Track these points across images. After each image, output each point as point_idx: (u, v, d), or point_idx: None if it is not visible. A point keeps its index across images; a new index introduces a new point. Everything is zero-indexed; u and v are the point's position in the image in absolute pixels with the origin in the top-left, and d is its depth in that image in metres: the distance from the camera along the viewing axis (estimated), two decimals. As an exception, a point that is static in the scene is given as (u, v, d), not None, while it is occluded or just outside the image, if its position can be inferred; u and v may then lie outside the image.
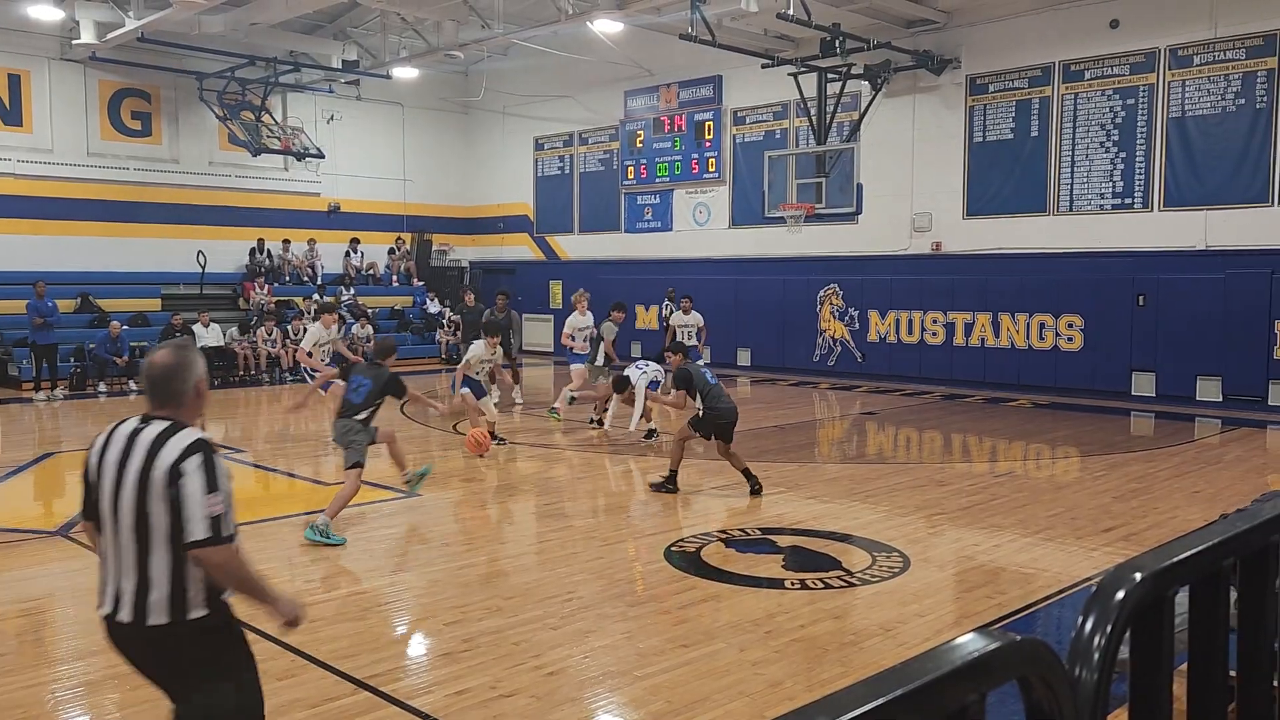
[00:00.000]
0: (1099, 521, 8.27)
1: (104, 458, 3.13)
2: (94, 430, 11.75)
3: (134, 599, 3.02)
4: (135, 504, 3.01)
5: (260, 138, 21.60)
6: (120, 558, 3.06)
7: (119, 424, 3.19)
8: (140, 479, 3.01)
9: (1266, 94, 14.55)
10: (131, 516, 3.02)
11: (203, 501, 2.98)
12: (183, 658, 3.08)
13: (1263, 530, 1.99)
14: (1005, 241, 17.19)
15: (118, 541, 3.06)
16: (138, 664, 3.16)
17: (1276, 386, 14.52)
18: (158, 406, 3.18)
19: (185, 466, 2.99)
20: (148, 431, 3.09)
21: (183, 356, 3.21)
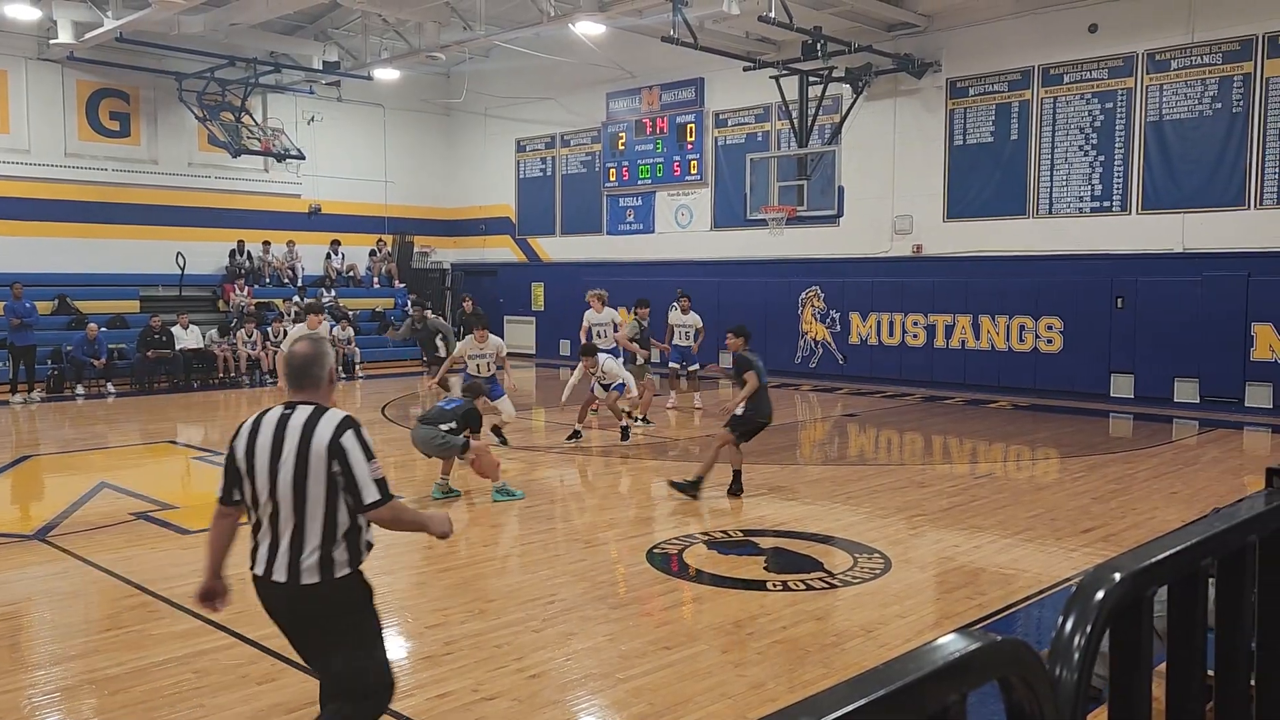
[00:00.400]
0: (1078, 522, 8.32)
1: (255, 443, 3.49)
2: (72, 433, 11.66)
3: (289, 562, 3.42)
4: (294, 479, 3.41)
5: (240, 139, 21.48)
6: (279, 526, 3.44)
7: (263, 413, 3.56)
8: (298, 457, 3.40)
9: (1243, 98, 14.69)
10: (290, 491, 3.41)
11: (368, 469, 3.44)
12: (329, 611, 3.48)
13: (1240, 530, 2.01)
14: (985, 244, 17.28)
15: (275, 513, 3.45)
16: (285, 619, 3.54)
17: (1253, 388, 14.65)
18: (298, 392, 3.59)
19: (344, 442, 3.42)
20: (296, 416, 3.49)
21: (318, 348, 3.66)
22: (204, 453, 11.98)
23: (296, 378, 3.60)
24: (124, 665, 5.18)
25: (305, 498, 3.41)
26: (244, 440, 3.52)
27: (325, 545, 3.42)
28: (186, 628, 5.76)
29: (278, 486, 3.43)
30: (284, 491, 3.43)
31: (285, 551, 3.44)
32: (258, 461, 3.47)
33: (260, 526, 3.52)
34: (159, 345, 18.74)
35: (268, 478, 3.44)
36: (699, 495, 9.08)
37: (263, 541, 3.50)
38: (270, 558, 3.47)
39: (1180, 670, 1.88)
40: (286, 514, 3.43)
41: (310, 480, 3.40)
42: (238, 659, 5.27)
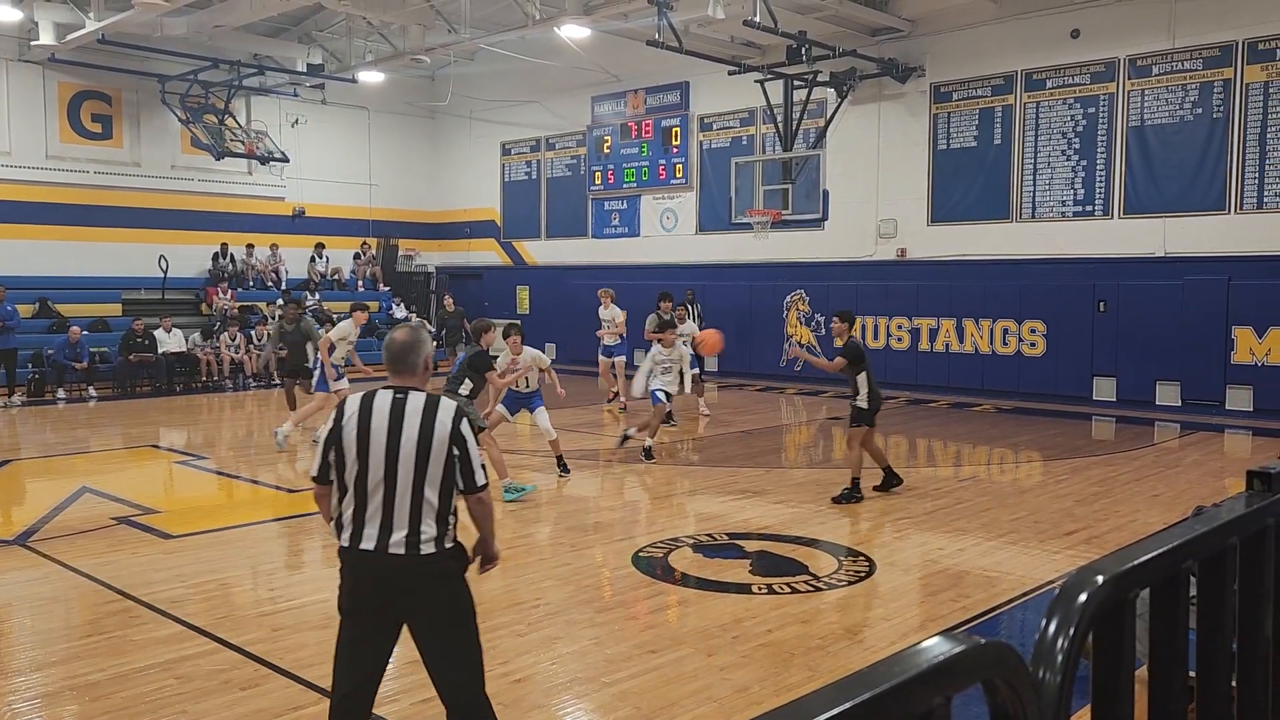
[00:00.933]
0: (1061, 525, 8.36)
1: (370, 424, 3.67)
2: (53, 437, 11.57)
3: (407, 535, 3.63)
4: (415, 459, 3.62)
5: (224, 141, 21.38)
6: (395, 502, 3.63)
7: (370, 397, 3.73)
8: (420, 439, 3.63)
9: (1223, 104, 14.81)
10: (411, 469, 3.62)
11: (477, 456, 3.75)
12: (439, 577, 3.71)
13: (1220, 533, 2.02)
14: (969, 248, 17.36)
15: (391, 489, 3.63)
16: (392, 593, 3.69)
17: (1233, 391, 14.76)
18: (396, 377, 3.80)
19: (464, 430, 3.71)
20: (412, 401, 3.70)
21: (416, 335, 3.88)
22: (186, 457, 11.91)
23: (396, 363, 3.81)
24: (105, 671, 5.15)
25: (425, 478, 3.64)
26: (354, 422, 3.69)
27: (440, 521, 3.68)
28: (168, 633, 5.72)
29: (398, 466, 3.62)
30: (404, 471, 3.62)
31: (405, 524, 3.63)
32: (373, 442, 3.65)
33: (366, 504, 3.66)
34: (141, 349, 18.62)
35: (384, 458, 3.63)
36: (862, 495, 9.17)
37: (371, 519, 3.66)
38: (384, 532, 3.64)
39: (1162, 671, 1.89)
40: (404, 492, 3.63)
41: (432, 462, 3.64)
42: (220, 664, 5.24)
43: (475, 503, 3.81)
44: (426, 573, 3.67)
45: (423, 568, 3.66)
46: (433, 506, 3.67)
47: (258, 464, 11.60)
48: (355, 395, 3.78)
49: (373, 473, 3.65)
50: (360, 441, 3.66)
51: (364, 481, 3.66)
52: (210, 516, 8.90)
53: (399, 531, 3.64)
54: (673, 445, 12.68)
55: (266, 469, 11.32)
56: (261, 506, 9.57)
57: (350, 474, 3.68)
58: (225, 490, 10.49)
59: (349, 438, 3.69)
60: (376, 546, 3.65)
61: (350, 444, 3.68)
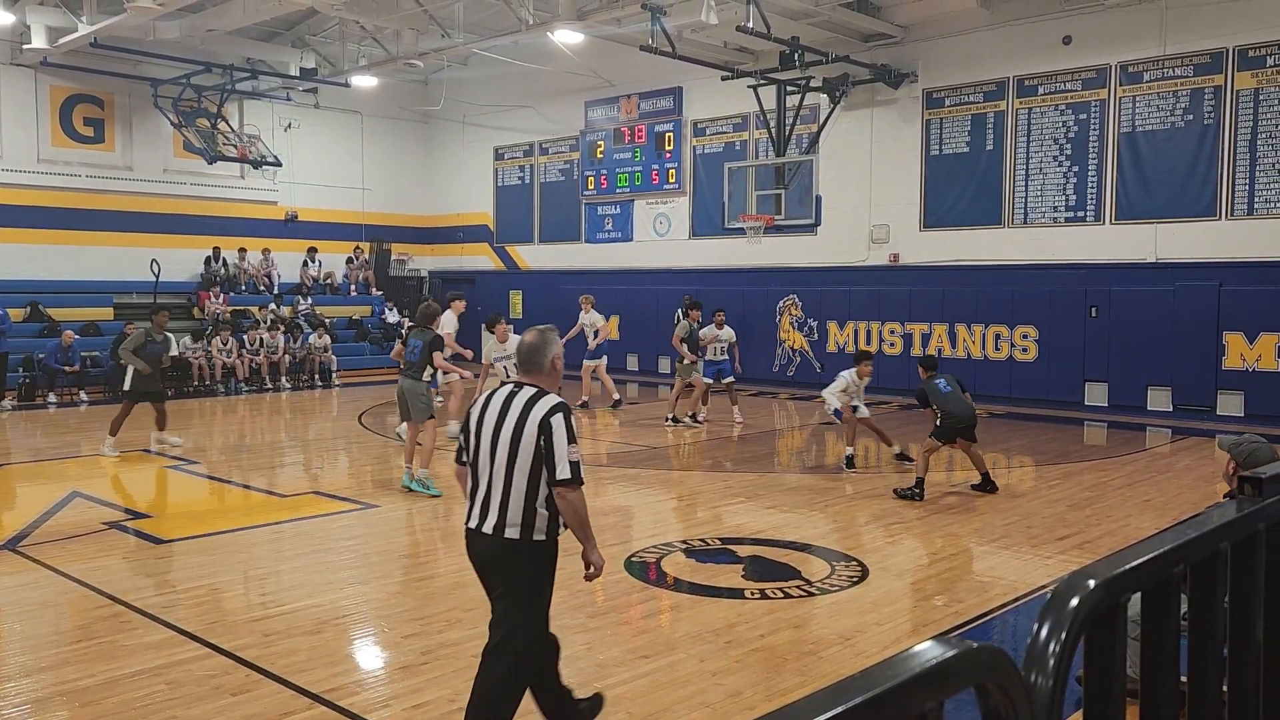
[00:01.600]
0: (1054, 530, 8.38)
1: (484, 413, 4.08)
2: (44, 442, 11.58)
3: (497, 518, 3.97)
4: (509, 448, 3.96)
5: (216, 145, 21.35)
6: (492, 486, 4.00)
7: (495, 390, 4.18)
8: (515, 430, 3.96)
9: (1214, 110, 14.88)
10: (505, 457, 3.96)
11: (566, 450, 3.93)
12: (520, 567, 4.00)
13: (1211, 538, 2.03)
14: (961, 253, 17.40)
15: (491, 474, 4.01)
16: (483, 567, 4.09)
17: (1224, 396, 14.81)
18: (525, 375, 4.17)
19: (553, 422, 3.93)
20: (521, 394, 4.06)
21: (545, 338, 4.20)
22: (178, 461, 11.88)
23: (524, 362, 4.19)
24: (96, 677, 5.13)
25: (516, 465, 3.95)
26: (477, 410, 4.14)
27: (528, 508, 3.95)
28: (159, 638, 5.70)
29: (496, 453, 4.00)
30: (501, 457, 3.98)
31: (496, 508, 3.99)
32: (484, 429, 4.06)
33: (478, 485, 4.07)
34: (133, 353, 18.54)
35: (490, 444, 4.03)
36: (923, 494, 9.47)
37: (477, 498, 4.07)
38: (482, 513, 4.03)
39: (1153, 676, 1.89)
40: (500, 477, 3.99)
41: (522, 451, 3.94)
42: (211, 670, 5.22)
43: (557, 496, 3.97)
44: (503, 555, 3.99)
45: (504, 552, 3.98)
46: (521, 494, 3.95)
47: (249, 469, 11.57)
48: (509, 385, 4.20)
49: (482, 459, 4.05)
50: (476, 428, 4.10)
51: (477, 465, 4.08)
52: (201, 521, 8.87)
53: (493, 513, 3.99)
54: (672, 450, 12.67)
55: (258, 474, 11.29)
56: (253, 511, 9.55)
57: (471, 458, 4.12)
58: (217, 495, 10.46)
59: (471, 425, 4.13)
60: (476, 525, 4.06)
61: (471, 431, 4.12)
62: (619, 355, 22.23)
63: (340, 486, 10.46)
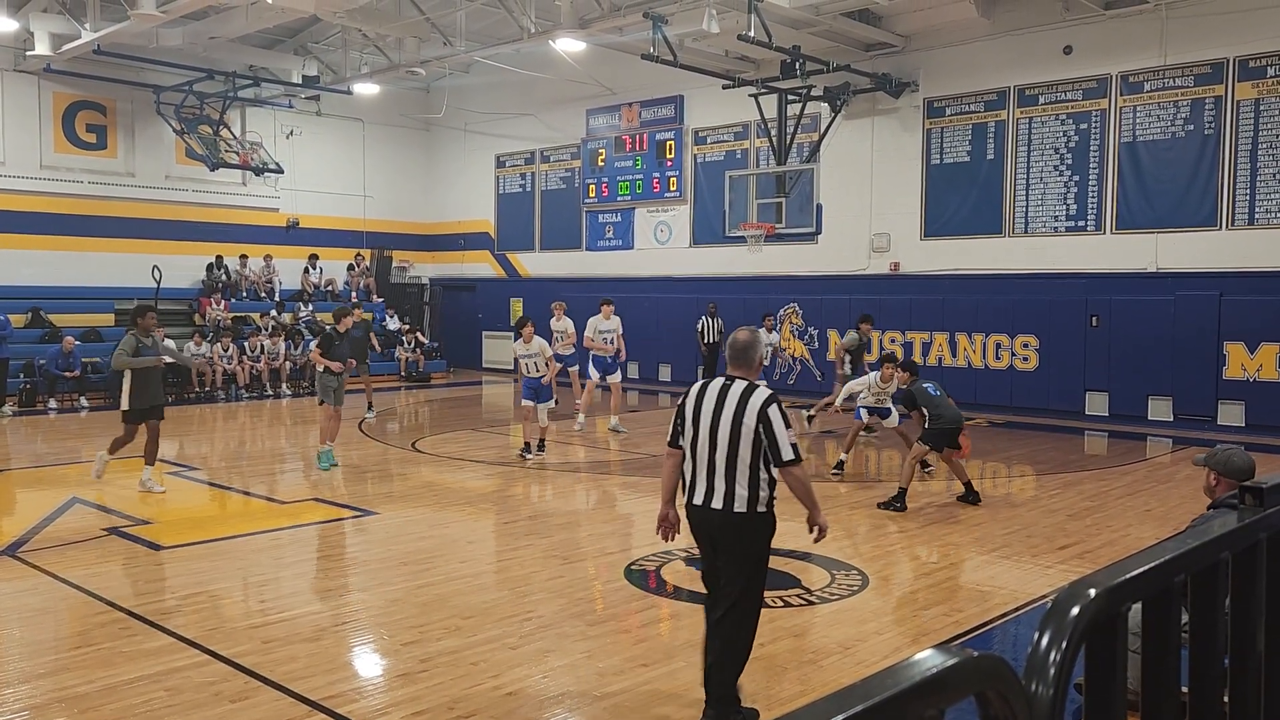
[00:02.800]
0: (1054, 539, 8.37)
1: (701, 404, 4.59)
2: (44, 448, 11.57)
3: (724, 495, 4.50)
4: (730, 433, 4.47)
5: (218, 152, 21.38)
6: (715, 467, 4.51)
7: (706, 383, 4.66)
8: (735, 417, 4.47)
9: (1214, 120, 14.90)
10: (727, 441, 4.48)
11: (785, 434, 4.47)
12: (745, 536, 4.55)
13: (1212, 547, 2.03)
14: (962, 262, 17.41)
15: (713, 457, 4.51)
16: (712, 538, 4.60)
17: (1225, 406, 14.80)
18: (735, 369, 4.69)
19: (770, 413, 4.47)
20: (735, 387, 4.57)
21: (754, 338, 4.76)
22: (178, 467, 11.87)
23: (736, 358, 4.70)
24: (95, 683, 5.12)
25: (739, 448, 4.46)
26: (693, 400, 4.63)
27: (753, 485, 4.48)
28: (158, 645, 5.69)
29: (718, 438, 4.48)
30: (723, 442, 4.48)
31: (723, 486, 4.49)
32: (703, 417, 4.55)
33: (698, 466, 4.57)
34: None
35: (710, 430, 4.51)
36: (905, 506, 9.41)
37: (700, 477, 4.56)
38: (709, 490, 4.53)
39: (1154, 686, 1.89)
40: (723, 459, 4.48)
41: (743, 436, 4.45)
42: (210, 677, 5.21)
43: (785, 474, 4.52)
44: (735, 526, 4.51)
45: (733, 524, 4.51)
46: (746, 473, 4.48)
47: (249, 475, 11.56)
48: (700, 381, 4.71)
49: (702, 443, 4.54)
50: (694, 415, 4.59)
51: (696, 449, 4.56)
52: (201, 528, 8.87)
53: (720, 491, 4.50)
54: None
55: (258, 480, 11.29)
56: (253, 518, 9.54)
57: (688, 443, 4.61)
58: (217, 501, 10.45)
59: (688, 411, 4.62)
60: (702, 501, 4.55)
61: (688, 416, 4.61)
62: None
63: (340, 493, 10.45)
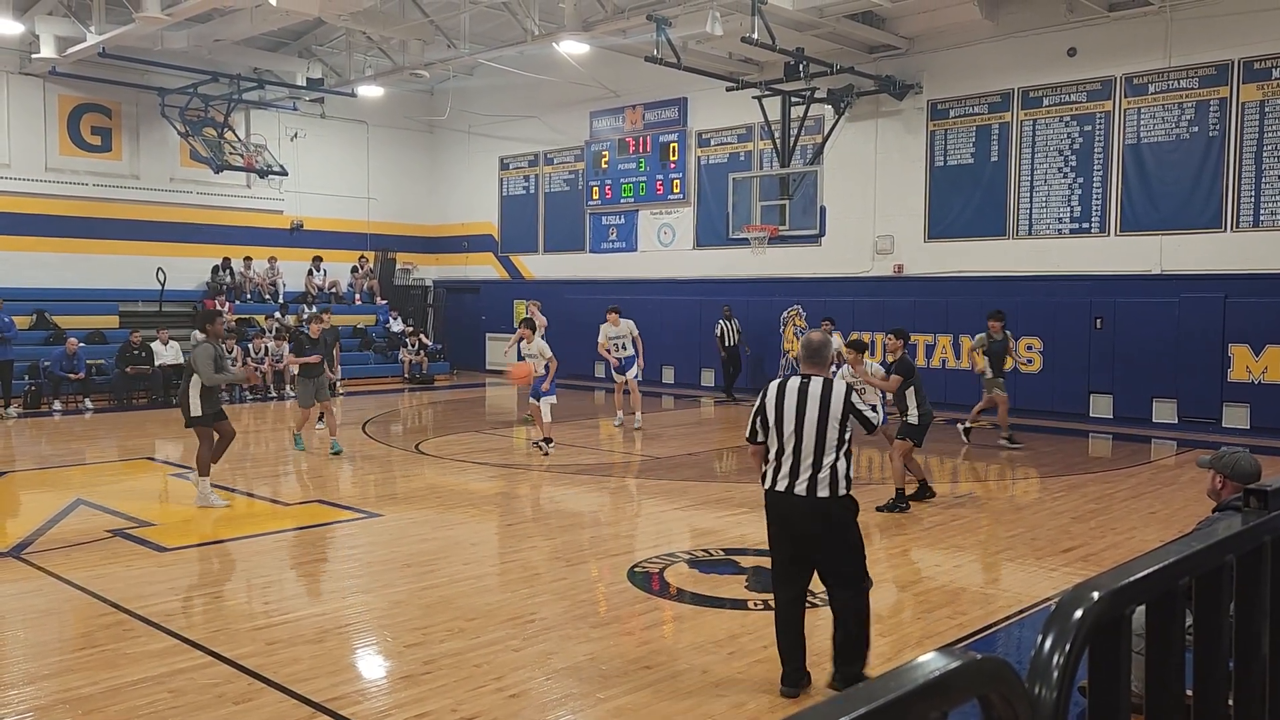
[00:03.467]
0: (1058, 542, 8.35)
1: (784, 400, 4.99)
2: (49, 449, 11.60)
3: (809, 482, 4.90)
4: (818, 426, 4.89)
5: (223, 154, 21.40)
6: (802, 458, 4.91)
7: (783, 382, 5.09)
8: (821, 411, 4.91)
9: (1219, 122, 14.88)
10: (814, 433, 4.89)
11: (868, 410, 5.14)
12: (843, 518, 4.99)
13: (1217, 550, 2.02)
14: (966, 264, 17.40)
15: (799, 448, 4.92)
16: (799, 524, 5.00)
17: (1230, 409, 14.77)
18: (810, 368, 5.12)
19: (851, 398, 5.00)
20: (814, 383, 5.01)
21: (827, 339, 5.28)
22: (182, 469, 11.88)
23: (811, 357, 5.13)
24: (99, 684, 5.12)
25: (825, 438, 4.89)
26: (774, 397, 5.03)
27: (834, 471, 4.90)
28: (162, 646, 5.70)
29: (805, 431, 4.89)
30: (810, 434, 4.89)
31: (809, 474, 4.89)
32: (786, 413, 4.95)
33: (783, 456, 4.96)
34: (138, 361, 18.61)
35: (795, 424, 4.92)
36: (909, 506, 9.47)
37: (784, 467, 4.95)
38: (792, 478, 4.93)
39: (1158, 690, 1.88)
40: (811, 449, 4.90)
41: (830, 427, 4.89)
42: (214, 678, 5.22)
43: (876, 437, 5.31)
44: (826, 510, 4.91)
45: (821, 509, 4.91)
46: (833, 461, 4.89)
47: (253, 477, 11.57)
48: (775, 380, 5.12)
49: (787, 435, 4.92)
50: (777, 410, 4.98)
51: (784, 442, 4.94)
52: (205, 530, 8.88)
53: (804, 478, 4.90)
54: (675, 459, 12.66)
55: (262, 482, 11.30)
56: (256, 520, 9.55)
57: (772, 436, 4.99)
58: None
59: (770, 407, 5.01)
60: (786, 489, 4.95)
61: (770, 412, 5.00)
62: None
63: (344, 495, 10.46)
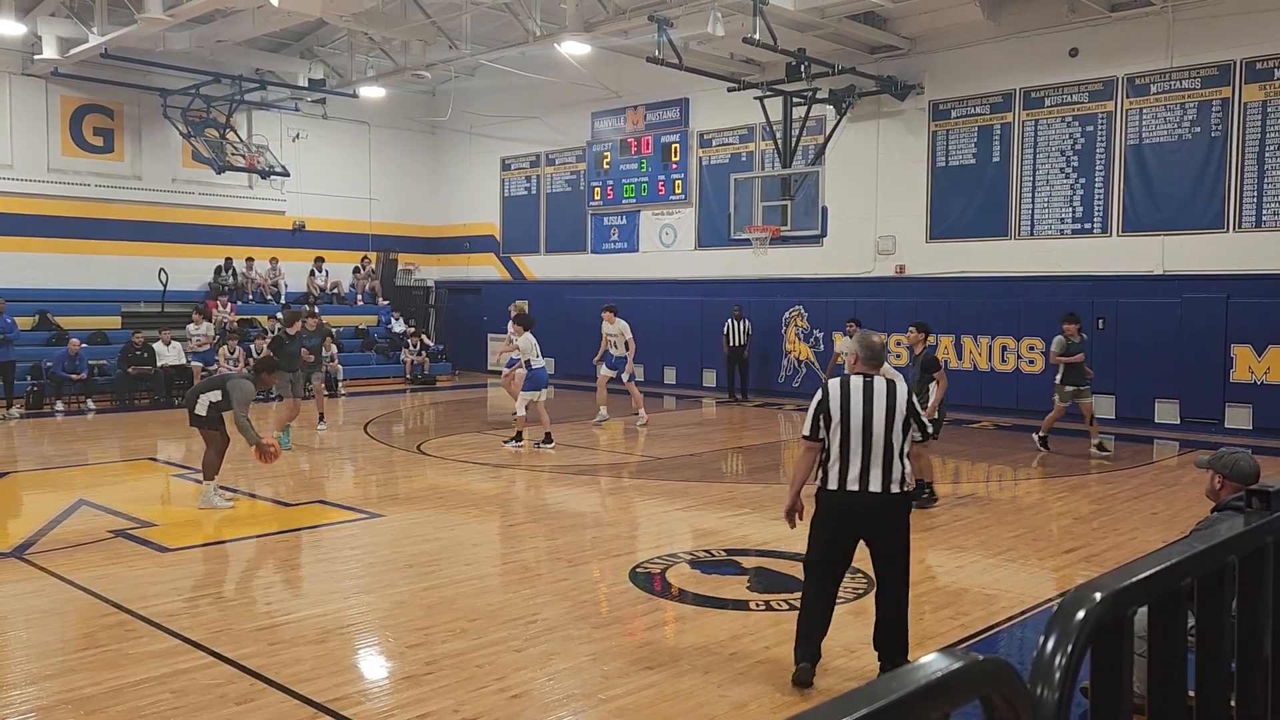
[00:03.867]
0: (1060, 543, 8.35)
1: (849, 400, 5.09)
2: (51, 450, 11.62)
3: (882, 479, 5.04)
4: (885, 424, 5.05)
5: (225, 155, 21.42)
6: (871, 456, 5.03)
7: (845, 380, 5.19)
8: (888, 410, 5.08)
9: (1221, 122, 14.86)
10: (883, 431, 5.04)
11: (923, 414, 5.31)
12: (905, 515, 5.21)
13: (1219, 551, 2.02)
14: (967, 265, 17.39)
15: (868, 446, 5.03)
16: (863, 520, 5.12)
17: (1232, 409, 14.76)
18: (869, 367, 5.27)
19: (913, 399, 5.25)
20: (878, 384, 5.18)
21: (884, 340, 5.48)
22: (184, 470, 11.89)
23: (872, 358, 5.30)
24: (101, 685, 5.13)
25: (893, 437, 5.05)
26: (839, 396, 5.13)
27: (901, 468, 5.10)
28: (164, 647, 5.70)
29: (874, 429, 5.02)
30: (879, 433, 5.03)
31: (880, 472, 5.03)
32: (853, 412, 5.06)
33: (849, 455, 5.05)
34: (140, 362, 18.62)
35: (863, 423, 5.03)
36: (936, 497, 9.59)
37: (852, 466, 5.04)
38: (863, 476, 5.04)
39: (1161, 690, 1.88)
40: (880, 447, 5.02)
41: (896, 426, 5.07)
42: (216, 679, 5.22)
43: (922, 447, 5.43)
44: (892, 506, 5.09)
45: (892, 505, 5.08)
46: (898, 459, 5.07)
47: (255, 477, 11.57)
48: (835, 379, 5.24)
49: (855, 435, 5.03)
50: (842, 410, 5.07)
51: (851, 440, 5.04)
52: (207, 530, 8.88)
53: (875, 476, 5.02)
54: (677, 460, 12.66)
55: (264, 483, 11.30)
56: (258, 520, 9.55)
57: (835, 435, 5.08)
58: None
59: (834, 407, 5.11)
60: (857, 487, 5.04)
61: (835, 411, 5.09)
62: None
63: (346, 496, 10.46)
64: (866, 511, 5.07)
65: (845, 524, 5.13)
